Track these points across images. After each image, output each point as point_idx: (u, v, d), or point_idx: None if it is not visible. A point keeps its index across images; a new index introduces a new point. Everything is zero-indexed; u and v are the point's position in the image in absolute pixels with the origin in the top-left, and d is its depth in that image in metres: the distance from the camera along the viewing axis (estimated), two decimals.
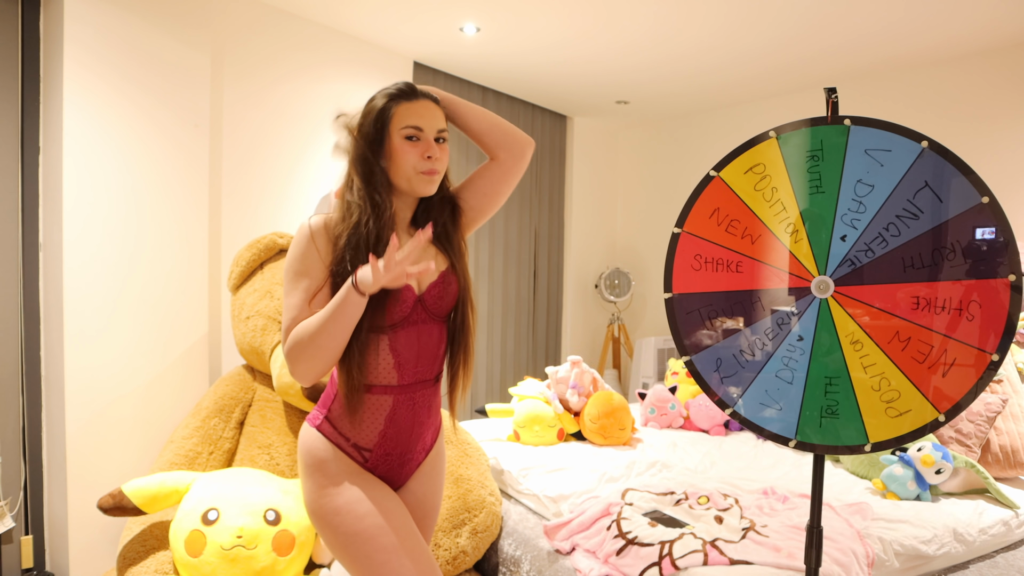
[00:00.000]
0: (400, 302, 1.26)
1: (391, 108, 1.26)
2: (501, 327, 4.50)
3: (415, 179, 1.27)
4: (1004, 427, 2.50)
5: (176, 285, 2.61)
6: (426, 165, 1.26)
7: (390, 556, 1.23)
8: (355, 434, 1.30)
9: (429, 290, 1.31)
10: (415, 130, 1.26)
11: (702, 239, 1.58)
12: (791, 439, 1.51)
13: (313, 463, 1.30)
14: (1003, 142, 3.26)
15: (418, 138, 1.26)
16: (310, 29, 3.18)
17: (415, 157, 1.25)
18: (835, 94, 1.45)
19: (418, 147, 1.26)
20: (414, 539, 1.28)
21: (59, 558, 2.40)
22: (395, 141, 1.26)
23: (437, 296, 1.32)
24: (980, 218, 1.34)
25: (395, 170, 1.27)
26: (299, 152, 3.15)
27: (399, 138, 1.26)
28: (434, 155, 1.27)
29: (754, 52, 3.43)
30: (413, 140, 1.26)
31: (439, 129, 1.29)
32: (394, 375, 1.29)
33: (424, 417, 1.36)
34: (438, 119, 1.29)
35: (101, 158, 2.39)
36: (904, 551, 1.90)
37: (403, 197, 1.33)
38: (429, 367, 1.34)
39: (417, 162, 1.26)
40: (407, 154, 1.25)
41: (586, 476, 2.38)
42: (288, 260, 1.28)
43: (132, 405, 2.49)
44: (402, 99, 1.27)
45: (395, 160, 1.26)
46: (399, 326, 1.28)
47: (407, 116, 1.26)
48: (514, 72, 3.93)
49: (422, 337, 1.31)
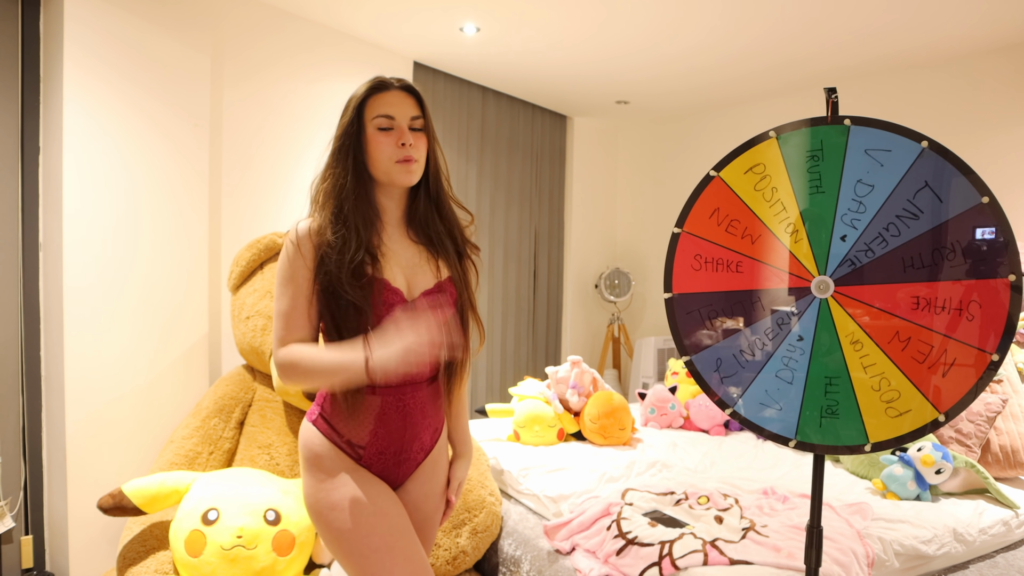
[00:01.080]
0: (387, 306, 1.26)
1: (364, 102, 1.27)
2: (501, 327, 4.50)
3: (392, 170, 1.27)
4: (1004, 427, 2.50)
5: (176, 285, 2.61)
6: (401, 153, 1.26)
7: (383, 556, 1.23)
8: (348, 431, 1.31)
9: (422, 297, 1.31)
10: (386, 119, 1.26)
11: (702, 239, 1.58)
12: (791, 439, 1.51)
13: (311, 458, 1.31)
14: (1003, 142, 3.26)
15: (391, 127, 1.26)
16: (310, 29, 3.18)
17: (389, 147, 1.26)
18: (835, 94, 1.45)
19: (391, 136, 1.26)
20: (408, 539, 1.28)
21: (59, 558, 2.40)
22: (369, 132, 1.27)
23: (430, 304, 1.31)
24: (980, 218, 1.34)
25: (373, 163, 1.27)
26: (299, 152, 3.15)
27: (372, 129, 1.26)
28: (407, 142, 1.26)
29: (751, 49, 3.43)
30: (386, 131, 1.26)
31: (412, 116, 1.28)
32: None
33: (418, 418, 1.35)
34: (409, 107, 1.29)
35: (101, 158, 2.39)
36: (904, 551, 1.90)
37: (389, 193, 1.32)
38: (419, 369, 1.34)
39: (392, 151, 1.26)
40: (381, 144, 1.26)
41: (586, 476, 2.38)
42: (278, 264, 1.29)
43: (132, 405, 2.49)
44: (373, 92, 1.28)
45: (371, 153, 1.27)
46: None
47: (377, 106, 1.27)
48: (514, 72, 3.93)
49: None
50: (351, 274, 1.23)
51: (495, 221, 4.42)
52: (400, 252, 1.32)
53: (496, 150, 4.39)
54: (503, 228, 4.48)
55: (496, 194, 4.41)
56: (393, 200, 1.34)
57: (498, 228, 4.45)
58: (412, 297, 1.31)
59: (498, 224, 4.44)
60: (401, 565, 1.24)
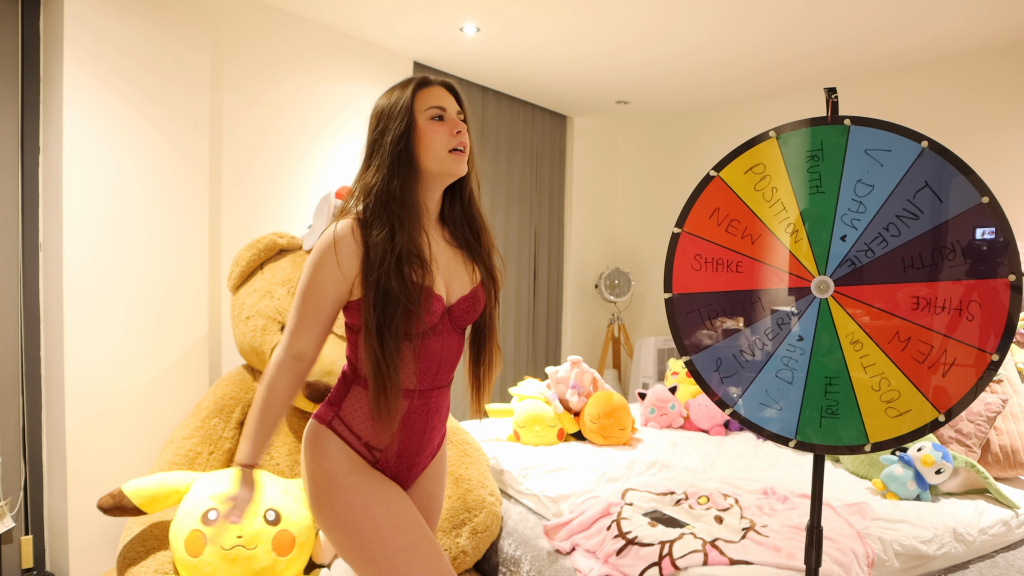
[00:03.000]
0: (430, 312, 1.25)
1: (413, 96, 1.29)
2: (501, 327, 4.50)
3: (447, 159, 1.28)
4: (1004, 427, 2.50)
5: (176, 285, 2.61)
6: (455, 141, 1.28)
7: (408, 555, 1.23)
8: (368, 433, 1.29)
9: (459, 303, 1.32)
10: (439, 110, 1.29)
11: (702, 239, 1.58)
12: (791, 439, 1.51)
13: (324, 461, 1.28)
14: (1003, 142, 3.26)
15: (443, 117, 1.29)
16: (310, 30, 3.18)
17: (444, 135, 1.28)
18: (835, 94, 1.45)
19: (445, 126, 1.28)
20: (430, 537, 1.28)
21: (59, 558, 2.40)
22: (421, 124, 1.28)
23: (465, 310, 1.33)
24: (980, 218, 1.34)
25: (426, 152, 1.27)
26: (299, 152, 3.15)
27: (425, 120, 1.28)
28: (462, 130, 1.30)
29: (751, 49, 3.43)
30: (439, 120, 1.28)
31: (456, 111, 1.32)
32: (414, 380, 1.29)
33: (436, 422, 1.36)
34: (453, 101, 1.32)
35: (101, 158, 2.39)
36: (904, 551, 1.90)
37: (431, 190, 1.33)
38: (446, 374, 1.36)
39: (447, 140, 1.28)
40: (436, 133, 1.28)
41: (586, 476, 2.38)
42: (305, 264, 1.27)
43: (132, 405, 2.49)
44: (420, 87, 1.30)
45: (425, 142, 1.27)
46: (427, 334, 1.28)
47: (429, 99, 1.29)
48: (514, 72, 3.93)
49: (445, 346, 1.32)
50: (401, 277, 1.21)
51: (495, 221, 4.42)
52: (439, 255, 1.32)
53: (496, 150, 4.39)
54: (503, 228, 4.48)
55: (496, 194, 4.41)
56: (434, 199, 1.34)
57: (498, 228, 4.45)
58: (450, 303, 1.31)
59: (498, 224, 4.44)
60: (427, 563, 1.24)
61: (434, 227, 1.35)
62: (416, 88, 1.29)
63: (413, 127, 1.27)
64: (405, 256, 1.22)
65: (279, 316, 2.38)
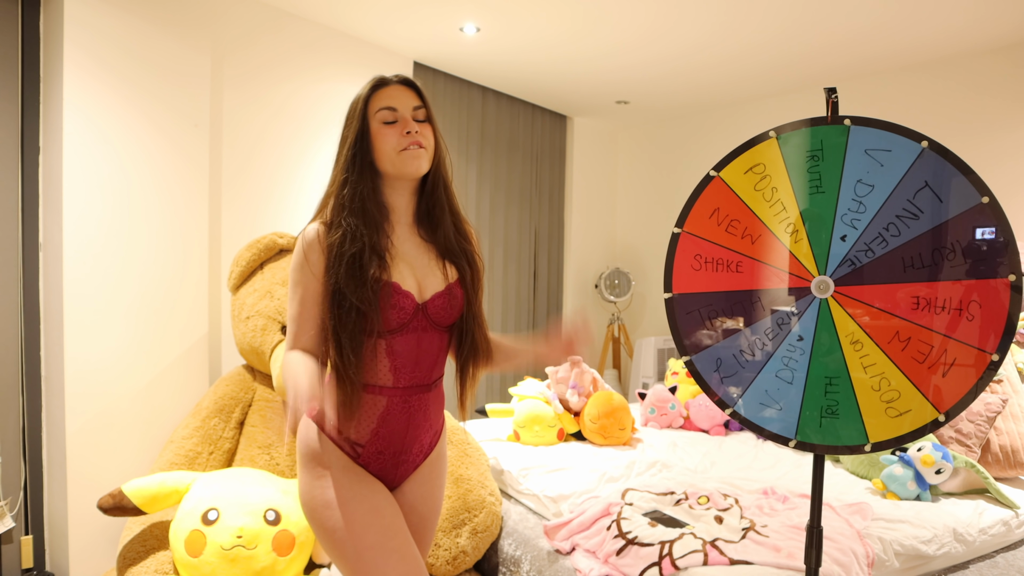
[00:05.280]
0: (398, 309, 1.26)
1: (367, 99, 1.29)
2: (501, 327, 4.50)
3: (398, 159, 1.27)
4: (1004, 427, 2.50)
5: (176, 285, 2.61)
6: (405, 140, 1.26)
7: (377, 554, 1.23)
8: (348, 428, 1.31)
9: (434, 300, 1.31)
10: (389, 111, 1.28)
11: (702, 239, 1.58)
12: (791, 439, 1.51)
13: (308, 454, 1.31)
14: (1003, 142, 3.26)
15: (395, 120, 1.28)
16: (310, 29, 3.18)
17: (394, 137, 1.27)
18: (835, 94, 1.45)
19: (396, 127, 1.28)
20: (402, 538, 1.28)
21: (59, 558, 2.40)
22: (374, 127, 1.28)
23: (442, 307, 1.32)
24: (980, 218, 1.34)
25: (380, 157, 1.28)
26: (299, 152, 3.15)
27: (377, 124, 1.28)
28: (412, 129, 1.27)
29: (751, 49, 3.43)
30: (390, 124, 1.28)
31: (414, 107, 1.30)
32: (390, 377, 1.30)
33: (420, 420, 1.35)
34: (411, 98, 1.30)
35: (101, 159, 2.39)
36: (904, 551, 1.90)
37: (399, 190, 1.33)
38: (428, 372, 1.34)
39: (397, 141, 1.27)
40: (387, 135, 1.27)
41: (586, 476, 2.38)
42: (290, 266, 1.31)
43: (132, 405, 2.49)
44: (375, 89, 1.30)
45: (377, 147, 1.28)
46: (398, 332, 1.28)
47: (379, 101, 1.29)
48: (514, 72, 3.93)
49: (422, 344, 1.32)
50: (355, 276, 1.23)
51: (495, 221, 4.42)
52: (410, 253, 1.32)
53: (496, 150, 4.39)
54: (503, 228, 4.48)
55: (496, 194, 4.41)
56: (403, 198, 1.34)
57: (498, 228, 4.45)
58: (423, 300, 1.31)
59: (498, 224, 4.44)
60: (395, 564, 1.24)
61: (406, 226, 1.35)
62: (372, 90, 1.29)
63: (367, 130, 1.28)
64: (360, 256, 1.23)
65: (279, 316, 2.38)
